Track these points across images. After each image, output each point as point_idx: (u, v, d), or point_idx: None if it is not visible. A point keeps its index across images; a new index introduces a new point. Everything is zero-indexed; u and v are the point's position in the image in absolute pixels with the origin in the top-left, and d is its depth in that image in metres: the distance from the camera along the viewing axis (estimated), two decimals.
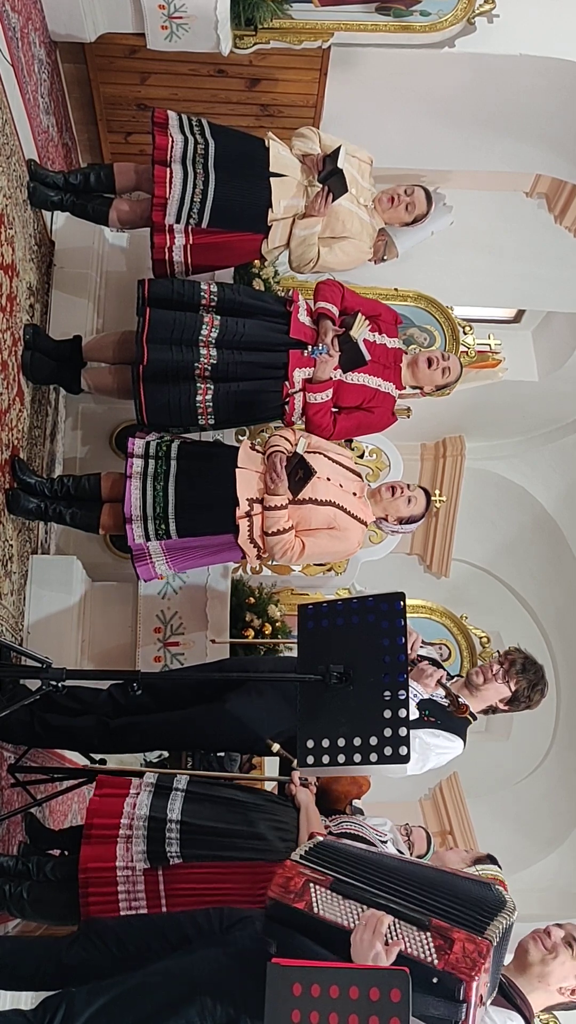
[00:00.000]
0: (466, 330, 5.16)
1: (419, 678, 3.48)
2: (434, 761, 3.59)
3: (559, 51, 4.77)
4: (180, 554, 3.77)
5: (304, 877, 2.29)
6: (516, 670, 3.55)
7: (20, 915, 3.01)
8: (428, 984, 1.99)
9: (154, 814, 2.88)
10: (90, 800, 3.03)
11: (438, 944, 2.05)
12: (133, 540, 3.68)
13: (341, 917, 2.19)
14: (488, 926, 2.11)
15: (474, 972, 1.98)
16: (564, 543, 8.07)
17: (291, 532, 3.67)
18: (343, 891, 2.25)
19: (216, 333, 3.85)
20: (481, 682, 3.58)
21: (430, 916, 2.11)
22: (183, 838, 2.84)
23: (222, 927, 2.47)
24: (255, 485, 3.66)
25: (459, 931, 2.07)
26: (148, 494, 3.66)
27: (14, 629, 3.91)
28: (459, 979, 1.97)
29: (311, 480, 3.57)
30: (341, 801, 3.67)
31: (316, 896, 2.24)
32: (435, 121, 5.31)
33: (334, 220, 4.05)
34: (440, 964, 2.01)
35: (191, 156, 3.90)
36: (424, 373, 4.09)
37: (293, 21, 4.62)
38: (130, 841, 2.86)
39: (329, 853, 2.42)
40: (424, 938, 2.08)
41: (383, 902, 2.16)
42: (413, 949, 2.05)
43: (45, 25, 4.45)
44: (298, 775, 3.09)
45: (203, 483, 3.68)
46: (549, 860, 7.57)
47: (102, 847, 2.87)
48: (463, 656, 6.06)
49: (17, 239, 3.91)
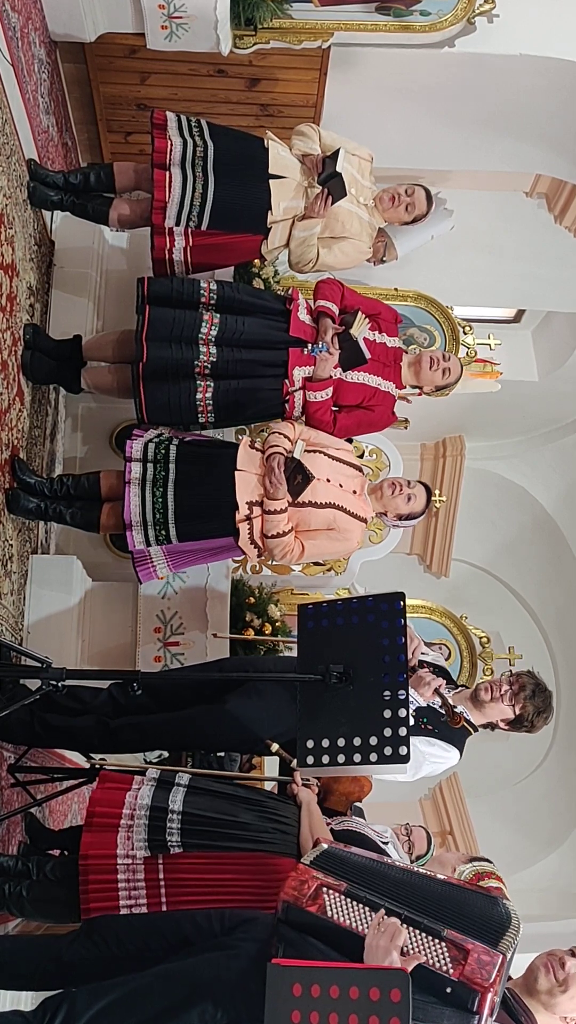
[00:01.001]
0: (466, 330, 5.16)
1: (417, 686, 3.46)
2: (427, 770, 3.57)
3: (559, 51, 4.77)
4: (181, 556, 3.78)
5: (317, 881, 2.28)
6: (525, 695, 3.52)
7: (20, 914, 3.01)
8: (442, 994, 2.00)
9: (156, 804, 2.89)
10: (92, 792, 3.03)
11: (453, 955, 2.06)
12: (134, 546, 3.68)
13: (355, 922, 2.19)
14: (500, 940, 2.11)
15: (489, 984, 1.99)
16: (564, 543, 8.07)
17: (291, 535, 3.67)
18: (357, 897, 2.24)
19: (216, 331, 3.85)
20: (488, 699, 3.55)
21: (444, 927, 2.12)
22: (184, 828, 2.85)
23: (223, 929, 2.47)
24: (254, 488, 3.66)
25: (473, 943, 2.08)
26: (147, 500, 3.66)
27: (14, 629, 3.91)
28: (474, 990, 1.98)
29: (310, 483, 3.57)
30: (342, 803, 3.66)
31: (330, 900, 2.24)
32: (435, 121, 5.31)
33: (333, 221, 4.05)
34: (455, 974, 2.02)
35: (190, 159, 3.91)
36: (425, 373, 4.10)
37: (293, 21, 4.62)
38: (131, 831, 2.86)
39: (337, 862, 2.41)
40: (439, 948, 2.09)
41: (398, 910, 2.16)
42: (428, 958, 2.06)
43: (45, 25, 4.45)
44: (300, 775, 3.09)
45: (202, 488, 3.68)
46: (549, 860, 7.57)
47: (103, 835, 2.87)
48: (463, 656, 6.06)
49: (17, 239, 3.91)
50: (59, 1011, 2.30)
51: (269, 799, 3.05)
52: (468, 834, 7.48)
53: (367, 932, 2.11)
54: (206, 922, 2.50)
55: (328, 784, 3.37)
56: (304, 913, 2.22)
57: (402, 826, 4.07)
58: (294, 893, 2.25)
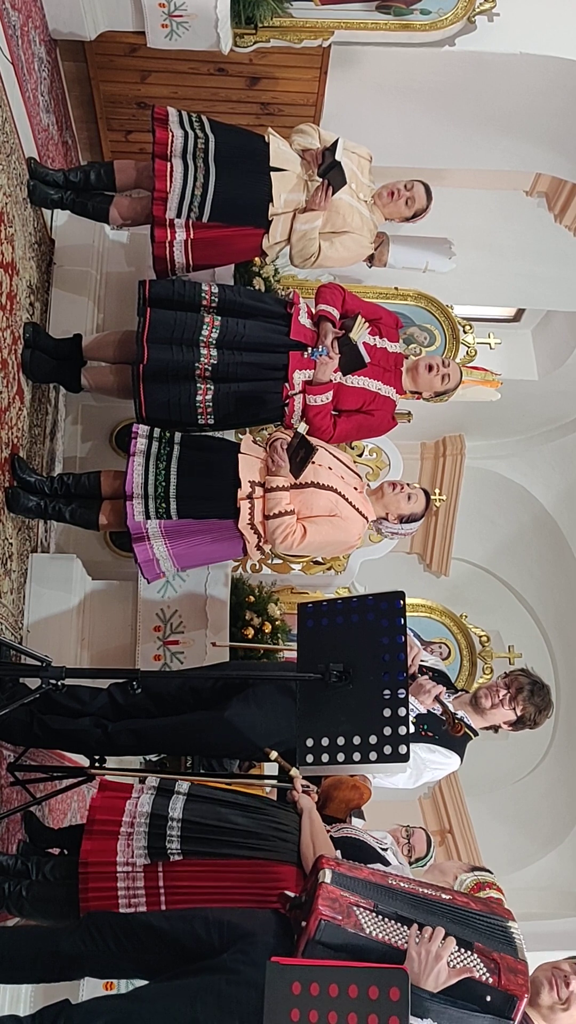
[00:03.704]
0: (466, 329, 5.16)
1: (417, 693, 3.45)
2: (428, 776, 3.57)
3: (559, 50, 4.77)
4: (179, 538, 3.73)
5: (347, 900, 2.27)
6: (524, 696, 3.52)
7: (19, 914, 3.01)
8: (482, 1002, 2.08)
9: (156, 811, 2.89)
10: (92, 798, 3.03)
11: (488, 965, 2.14)
12: (133, 518, 3.66)
13: (392, 937, 2.21)
14: (517, 949, 2.19)
15: (525, 991, 2.08)
16: (564, 542, 8.07)
17: (292, 516, 3.67)
18: (387, 914, 2.26)
19: (217, 333, 3.85)
20: (489, 706, 3.55)
21: (473, 939, 2.18)
22: (184, 835, 2.84)
23: (221, 943, 2.45)
24: (257, 468, 3.68)
25: (500, 954, 2.15)
26: (150, 472, 3.66)
27: (14, 627, 3.91)
28: (513, 995, 2.07)
29: (313, 458, 3.55)
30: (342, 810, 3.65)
31: (363, 918, 2.24)
32: (435, 119, 5.31)
33: (334, 215, 4.05)
34: (493, 982, 2.10)
35: (191, 151, 3.91)
36: (424, 378, 4.09)
37: (293, 19, 4.62)
38: (131, 838, 2.86)
39: (349, 882, 2.39)
40: (474, 958, 2.16)
41: (430, 924, 2.19)
42: (468, 968, 2.12)
43: (45, 23, 4.45)
44: (300, 782, 3.08)
45: (205, 466, 3.70)
46: (548, 859, 7.57)
47: (103, 841, 2.87)
48: (462, 655, 6.07)
49: (17, 237, 3.90)
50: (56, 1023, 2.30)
51: (269, 806, 3.04)
52: (467, 833, 7.48)
53: (407, 945, 2.15)
54: (204, 932, 2.47)
55: (328, 791, 3.35)
56: (342, 932, 2.20)
57: (402, 828, 4.07)
58: (330, 912, 2.22)
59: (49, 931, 2.72)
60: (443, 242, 4.56)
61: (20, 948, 2.63)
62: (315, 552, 4.48)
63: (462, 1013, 2.07)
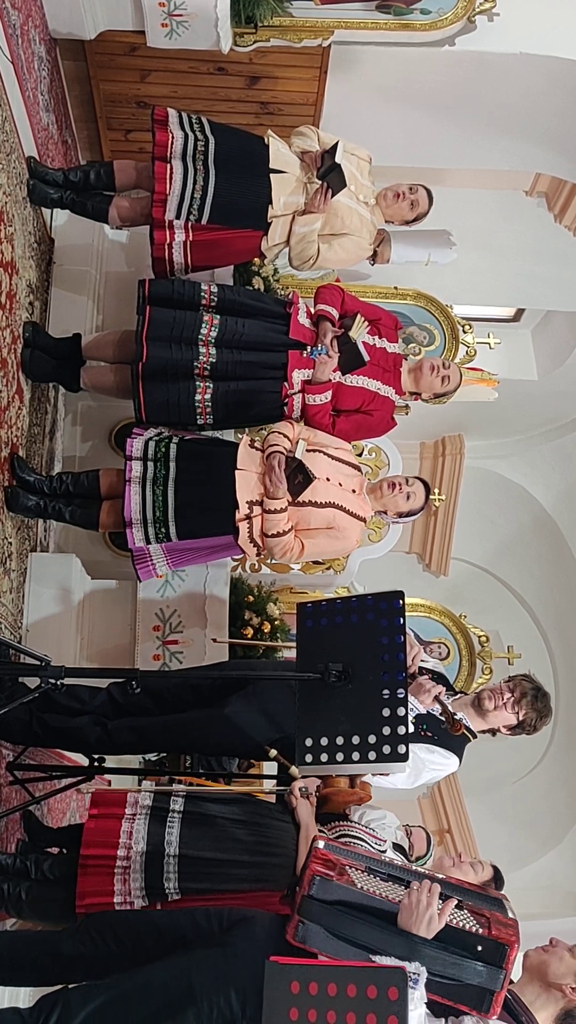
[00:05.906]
0: (466, 329, 5.16)
1: (417, 693, 3.46)
2: (427, 777, 3.57)
3: (559, 50, 4.76)
4: (180, 554, 3.78)
5: (340, 861, 2.37)
6: (527, 701, 3.52)
7: (17, 915, 3.01)
8: (473, 950, 2.19)
9: (151, 848, 2.87)
10: (86, 823, 3.01)
11: (478, 919, 2.25)
12: (134, 544, 3.68)
13: (383, 892, 2.31)
14: (507, 911, 2.30)
15: (515, 940, 2.19)
16: (564, 542, 8.07)
17: (290, 534, 3.67)
18: (379, 874, 2.38)
19: (216, 332, 3.85)
20: (492, 708, 3.55)
21: (464, 900, 2.30)
22: (181, 872, 2.84)
23: (221, 928, 2.47)
24: (254, 487, 3.66)
25: (490, 911, 2.28)
26: (148, 498, 3.65)
27: (13, 627, 3.91)
28: (504, 944, 2.18)
29: (311, 483, 3.57)
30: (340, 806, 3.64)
31: (356, 876, 2.35)
32: (435, 119, 5.31)
33: (333, 217, 4.05)
34: (484, 933, 2.21)
35: (191, 152, 3.90)
36: (425, 379, 4.09)
37: (293, 19, 4.62)
38: (127, 874, 2.85)
39: (344, 853, 2.48)
40: (464, 914, 2.27)
41: None
42: (456, 921, 2.25)
43: (45, 22, 4.45)
44: (298, 785, 3.08)
45: (202, 487, 3.68)
46: (548, 858, 7.57)
47: (99, 879, 2.86)
48: (462, 655, 6.07)
49: (17, 236, 3.90)
50: (55, 1009, 2.30)
51: (266, 818, 3.03)
52: (466, 833, 7.49)
53: (401, 898, 2.26)
54: (205, 921, 2.49)
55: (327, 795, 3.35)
56: (335, 887, 2.30)
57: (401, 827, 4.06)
58: (323, 869, 2.34)
59: (49, 934, 2.72)
60: (443, 233, 4.55)
61: (20, 950, 2.63)
62: (313, 559, 4.50)
63: (455, 959, 2.17)
